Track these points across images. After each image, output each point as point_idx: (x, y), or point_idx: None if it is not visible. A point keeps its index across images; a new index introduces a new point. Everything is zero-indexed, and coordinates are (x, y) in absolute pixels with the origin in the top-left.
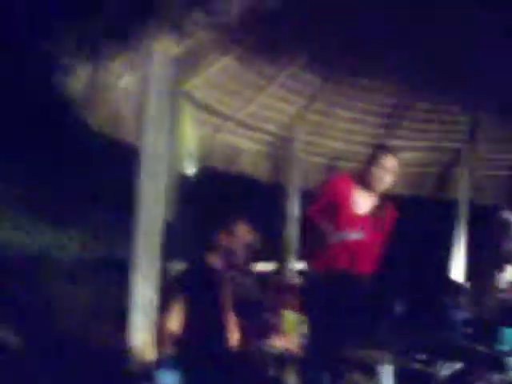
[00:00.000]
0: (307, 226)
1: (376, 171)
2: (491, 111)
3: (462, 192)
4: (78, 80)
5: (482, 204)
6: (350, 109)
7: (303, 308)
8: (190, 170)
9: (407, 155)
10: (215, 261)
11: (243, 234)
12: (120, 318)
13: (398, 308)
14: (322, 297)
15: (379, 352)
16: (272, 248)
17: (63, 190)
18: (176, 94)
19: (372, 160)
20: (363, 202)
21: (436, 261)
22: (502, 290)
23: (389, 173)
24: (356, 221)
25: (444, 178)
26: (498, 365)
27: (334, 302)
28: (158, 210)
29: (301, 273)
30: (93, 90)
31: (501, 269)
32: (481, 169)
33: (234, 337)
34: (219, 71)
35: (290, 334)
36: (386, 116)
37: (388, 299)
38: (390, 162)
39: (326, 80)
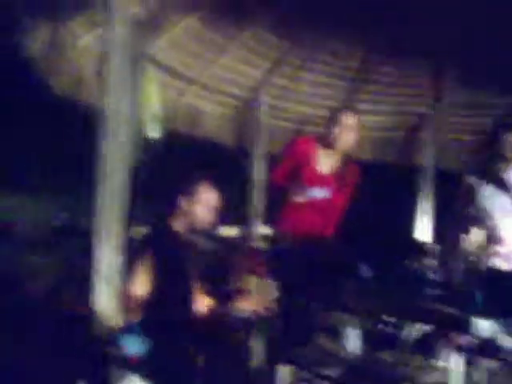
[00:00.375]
0: (271, 189)
1: (337, 130)
2: (453, 75)
3: (427, 156)
4: (38, 40)
5: (446, 168)
6: (315, 72)
7: (270, 272)
8: (154, 132)
9: (372, 119)
10: (178, 225)
11: (206, 197)
12: (84, 285)
13: (365, 271)
14: (289, 260)
15: (346, 315)
16: (237, 212)
17: (24, 155)
18: (138, 56)
19: (333, 119)
20: (327, 162)
21: (402, 224)
22: (469, 253)
23: (350, 131)
24: (320, 179)
25: (408, 143)
26: (465, 327)
27: (300, 265)
28: (122, 173)
29: (266, 237)
30: (53, 50)
31: (467, 232)
32: (445, 133)
33: (199, 301)
34: (182, 33)
35: (255, 297)
36: (350, 80)
37: (354, 262)
38: (350, 120)
39: (290, 43)
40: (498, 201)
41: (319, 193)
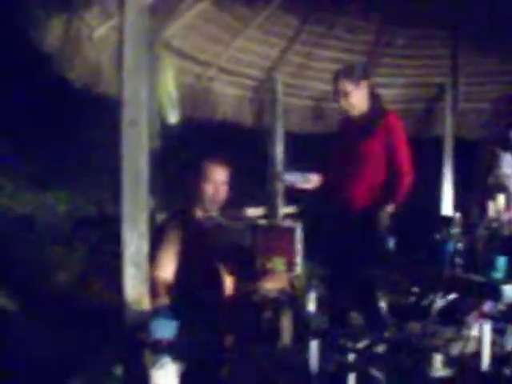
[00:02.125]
0: None
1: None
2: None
3: (447, 127)
4: (52, 33)
5: (466, 138)
6: (330, 49)
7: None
8: (173, 118)
9: (390, 92)
10: (197, 206)
11: (213, 173)
12: (114, 273)
13: (390, 242)
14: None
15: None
16: (260, 193)
17: (46, 151)
18: (153, 42)
19: None
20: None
21: (425, 196)
22: (492, 220)
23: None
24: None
25: (427, 114)
26: (491, 293)
27: (329, 237)
28: (142, 160)
29: (289, 215)
30: (68, 42)
31: (490, 198)
32: (464, 103)
33: (226, 283)
34: (196, 17)
35: (282, 275)
36: (366, 54)
37: (379, 234)
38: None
39: (304, 21)
40: None
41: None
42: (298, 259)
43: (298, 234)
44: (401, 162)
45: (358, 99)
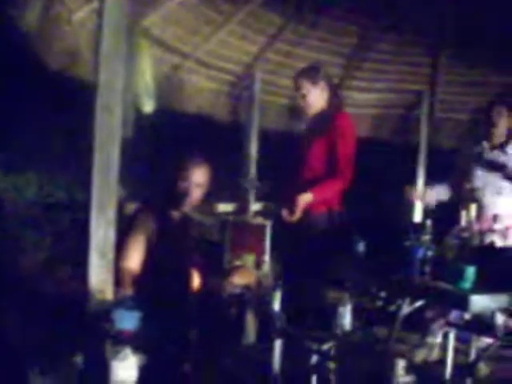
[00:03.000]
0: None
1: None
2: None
3: (422, 135)
4: (31, 14)
5: (440, 146)
6: (311, 49)
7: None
8: (148, 107)
9: (368, 97)
10: (171, 200)
11: (194, 173)
12: (79, 259)
13: (359, 247)
14: (286, 237)
15: (339, 291)
16: (232, 189)
17: (18, 132)
18: (133, 30)
19: None
20: None
21: (398, 201)
22: (464, 229)
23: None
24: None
25: (404, 121)
26: (459, 302)
27: (297, 241)
28: (115, 148)
29: (260, 213)
30: (47, 24)
31: (463, 208)
32: (441, 111)
33: (194, 277)
34: (178, 7)
35: (249, 273)
36: (346, 57)
37: (349, 239)
38: None
39: (286, 19)
40: (490, 179)
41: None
42: (266, 257)
43: (268, 232)
44: (338, 161)
45: (314, 99)
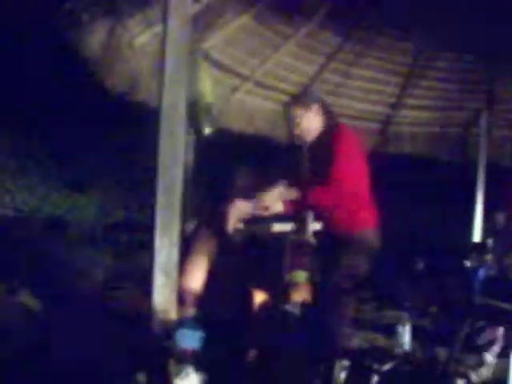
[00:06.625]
0: None
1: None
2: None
3: (481, 153)
4: (94, 38)
5: (498, 164)
6: (368, 68)
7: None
8: (208, 130)
9: (425, 115)
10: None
11: (239, 207)
12: (142, 279)
13: (418, 267)
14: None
15: (398, 312)
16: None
17: (80, 153)
18: (194, 53)
19: None
20: None
21: (457, 221)
22: None
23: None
24: None
25: (462, 139)
26: None
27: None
28: (178, 170)
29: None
30: (110, 48)
31: None
32: (499, 129)
33: (255, 297)
34: (236, 30)
35: (304, 288)
36: (404, 75)
37: (407, 260)
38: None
39: (343, 39)
40: None
41: None
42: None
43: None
44: (332, 170)
45: (309, 124)
